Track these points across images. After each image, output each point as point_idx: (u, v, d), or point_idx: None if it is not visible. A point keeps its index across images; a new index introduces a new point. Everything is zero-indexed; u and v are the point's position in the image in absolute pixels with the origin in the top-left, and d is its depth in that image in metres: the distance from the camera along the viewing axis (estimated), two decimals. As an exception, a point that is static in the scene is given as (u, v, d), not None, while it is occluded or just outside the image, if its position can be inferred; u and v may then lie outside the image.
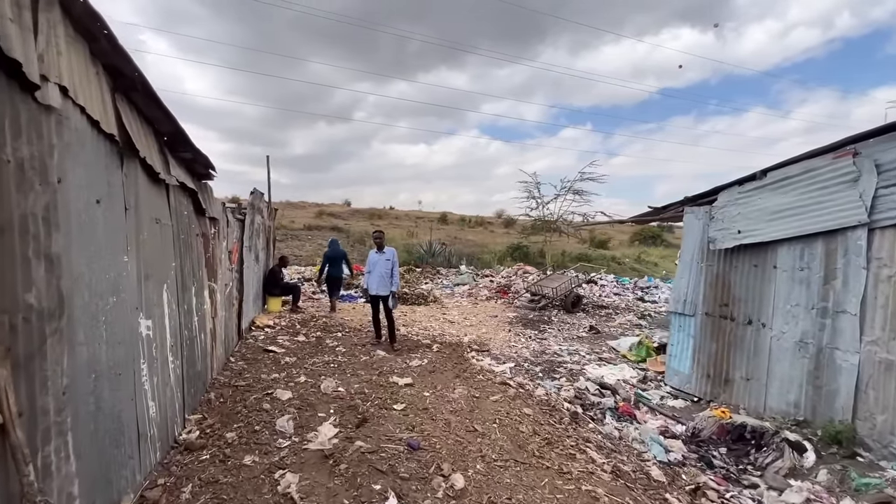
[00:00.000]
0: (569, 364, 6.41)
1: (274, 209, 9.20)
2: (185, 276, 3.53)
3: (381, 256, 6.17)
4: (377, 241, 6.28)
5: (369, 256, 6.31)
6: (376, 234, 6.39)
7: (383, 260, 6.15)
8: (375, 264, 6.16)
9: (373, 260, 6.21)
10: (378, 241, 6.28)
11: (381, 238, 6.31)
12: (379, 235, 6.35)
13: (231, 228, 5.31)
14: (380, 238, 6.31)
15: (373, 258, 6.23)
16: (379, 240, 6.29)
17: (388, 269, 6.13)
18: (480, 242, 33.10)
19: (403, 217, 43.99)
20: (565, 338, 8.14)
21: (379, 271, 6.12)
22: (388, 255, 6.18)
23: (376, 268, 6.15)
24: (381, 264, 6.14)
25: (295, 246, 22.83)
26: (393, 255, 6.22)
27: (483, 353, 6.51)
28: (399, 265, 6.61)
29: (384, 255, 6.17)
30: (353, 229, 30.47)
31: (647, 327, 9.47)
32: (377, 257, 6.19)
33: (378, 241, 6.28)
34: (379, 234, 6.37)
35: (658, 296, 12.52)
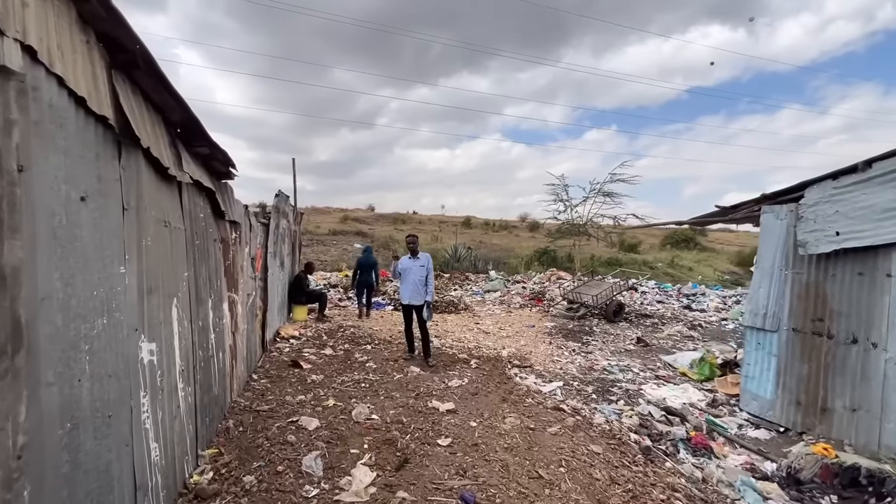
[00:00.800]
0: (623, 383, 5.72)
1: (300, 213, 8.86)
2: (201, 288, 3.09)
3: (414, 262, 5.67)
4: (411, 246, 5.78)
5: (401, 262, 5.82)
6: (410, 239, 5.88)
7: (417, 266, 5.64)
8: (408, 271, 5.66)
9: (405, 266, 5.71)
10: (412, 246, 5.77)
11: (415, 243, 5.81)
12: (413, 240, 5.84)
13: (254, 233, 4.90)
14: (414, 243, 5.80)
15: (405, 264, 5.73)
16: (413, 244, 5.78)
17: (423, 276, 5.62)
18: (506, 247, 32.45)
19: (427, 221, 43.75)
20: (612, 351, 7.42)
21: (412, 279, 5.61)
22: (423, 261, 5.67)
23: (409, 275, 5.64)
24: (414, 271, 5.62)
25: (320, 251, 22.74)
26: (427, 260, 5.70)
27: (526, 370, 5.90)
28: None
29: (418, 261, 5.66)
30: (378, 234, 30.32)
31: (700, 339, 8.63)
32: (410, 263, 5.68)
33: (412, 245, 5.78)
34: (413, 239, 5.86)
35: (706, 304, 11.57)
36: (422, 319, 5.66)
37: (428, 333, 5.75)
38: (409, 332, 5.88)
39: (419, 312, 5.65)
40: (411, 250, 5.75)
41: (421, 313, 5.63)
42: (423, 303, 5.62)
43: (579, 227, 33.01)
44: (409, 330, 5.87)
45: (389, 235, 29.99)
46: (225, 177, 3.86)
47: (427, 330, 5.73)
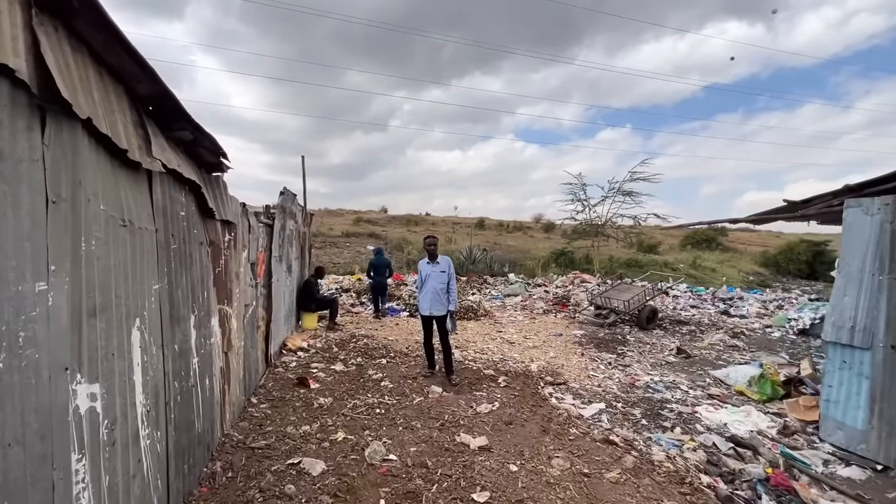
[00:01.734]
0: (673, 404, 5.00)
1: (310, 214, 8.32)
2: (179, 303, 2.50)
3: (434, 267, 5.05)
4: (430, 249, 5.15)
5: (419, 267, 5.21)
6: (429, 241, 5.24)
7: (437, 272, 5.01)
8: (427, 277, 5.04)
9: (424, 272, 5.10)
10: (431, 249, 5.15)
11: (434, 245, 5.18)
12: (432, 242, 5.21)
13: (254, 235, 4.33)
14: (433, 245, 5.18)
15: (424, 269, 5.12)
16: (432, 247, 5.16)
17: (444, 282, 5.00)
18: (521, 248, 31.77)
19: (440, 223, 43.30)
20: (652, 364, 6.68)
21: (432, 286, 4.99)
22: (443, 266, 5.04)
23: (429, 281, 5.02)
24: (434, 277, 5.01)
25: (333, 253, 22.34)
26: (448, 265, 5.08)
27: (560, 387, 5.23)
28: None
29: (438, 266, 5.04)
30: (391, 236, 29.90)
31: (746, 349, 7.83)
32: (429, 268, 5.07)
33: (431, 248, 5.16)
34: (432, 241, 5.22)
35: (746, 309, 10.70)
36: (443, 331, 5.03)
37: (450, 347, 5.12)
38: (430, 346, 5.25)
39: (440, 324, 5.02)
40: (430, 253, 5.14)
41: (443, 324, 5.01)
42: (446, 313, 5.00)
43: (598, 228, 32.09)
44: (429, 343, 5.24)
45: (402, 237, 29.58)
46: (215, 169, 3.29)
47: (449, 343, 5.10)
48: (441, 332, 5.04)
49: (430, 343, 5.22)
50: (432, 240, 5.22)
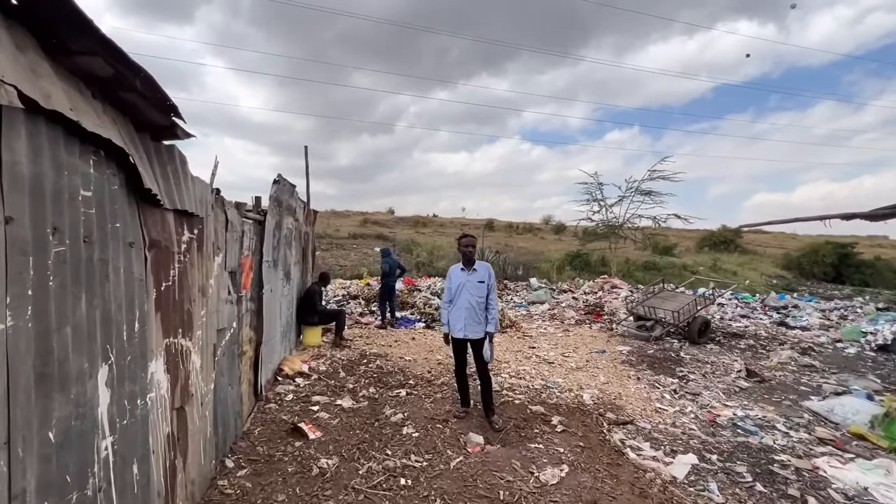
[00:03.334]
0: (779, 453, 3.84)
1: (313, 211, 7.25)
2: (66, 351, 1.40)
3: (470, 276, 3.92)
4: (466, 252, 3.97)
5: (450, 275, 4.08)
6: (466, 242, 4.00)
7: (474, 282, 3.88)
8: (462, 288, 3.91)
9: (457, 280, 3.96)
10: (468, 252, 3.97)
11: (472, 247, 4.00)
12: (470, 243, 4.00)
13: (234, 233, 3.24)
14: (471, 247, 3.99)
15: (457, 278, 3.98)
16: (469, 249, 3.97)
17: (482, 295, 3.87)
18: (534, 250, 30.68)
19: (448, 224, 42.39)
20: (723, 391, 5.51)
21: (467, 300, 3.86)
22: (482, 275, 3.91)
23: (463, 293, 3.89)
24: (470, 288, 3.87)
25: (340, 255, 21.35)
26: (489, 274, 3.96)
27: (627, 428, 4.09)
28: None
29: (475, 275, 3.91)
30: (399, 237, 28.94)
31: (825, 370, 6.62)
32: (464, 277, 3.93)
33: (468, 251, 3.97)
34: (470, 242, 4.00)
35: (805, 320, 9.45)
36: (480, 359, 3.91)
37: (490, 380, 3.99)
38: (463, 379, 4.12)
39: (477, 349, 3.90)
40: (466, 258, 3.97)
41: (480, 350, 3.89)
42: (484, 335, 3.88)
43: (615, 229, 30.81)
44: (462, 374, 4.11)
45: (411, 238, 28.63)
46: (166, 134, 2.19)
47: (489, 375, 3.97)
48: (478, 360, 3.92)
49: (463, 374, 4.10)
50: (469, 240, 4.03)
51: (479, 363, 3.91)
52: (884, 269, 27.29)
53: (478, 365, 3.93)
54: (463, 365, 4.05)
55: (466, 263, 3.97)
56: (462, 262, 4.01)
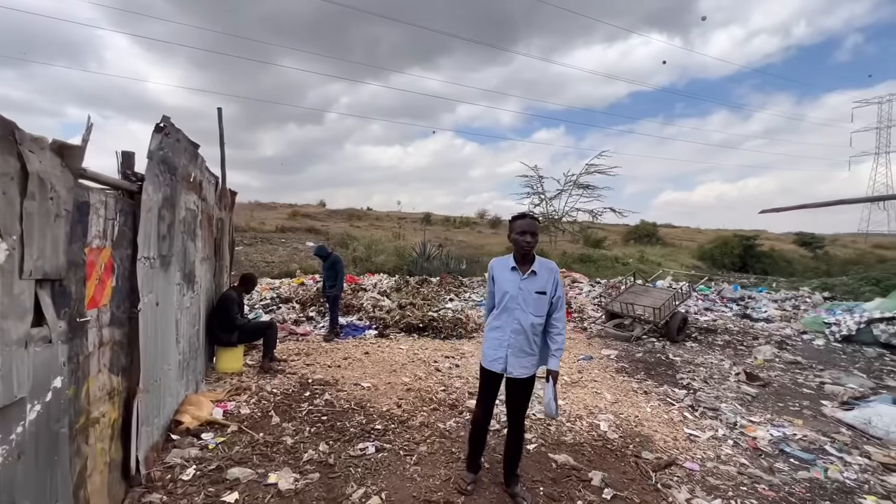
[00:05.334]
0: (859, 493, 3.04)
1: (230, 192, 5.51)
2: None
3: (526, 282, 2.49)
4: (523, 243, 2.47)
5: (495, 274, 2.62)
6: (524, 226, 2.48)
7: (531, 292, 2.47)
8: (510, 299, 2.50)
9: (506, 285, 2.53)
10: (525, 243, 2.47)
11: (533, 236, 2.50)
12: (530, 227, 2.49)
13: (48, 203, 1.64)
14: (531, 235, 2.48)
15: (505, 280, 2.55)
16: (528, 238, 2.47)
17: (542, 314, 2.50)
18: (474, 244, 30.12)
19: (384, 218, 40.70)
20: (737, 401, 4.79)
21: (517, 319, 2.48)
22: (544, 281, 2.49)
23: (509, 306, 2.50)
24: (524, 301, 2.48)
25: (266, 251, 18.92)
26: (554, 280, 2.53)
27: (670, 471, 3.08)
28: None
29: (534, 281, 2.49)
30: (333, 231, 26.79)
31: (811, 366, 6.26)
32: (515, 282, 2.51)
33: (525, 242, 2.47)
34: (530, 227, 2.49)
35: (766, 311, 9.38)
36: (518, 406, 2.60)
37: (523, 438, 2.72)
38: (482, 434, 2.73)
39: (521, 392, 2.57)
40: (521, 250, 2.49)
41: (525, 394, 2.58)
42: (534, 374, 2.57)
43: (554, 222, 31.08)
44: (483, 428, 2.71)
45: (346, 232, 26.65)
46: None
47: (523, 430, 2.69)
48: (514, 406, 2.61)
49: (484, 427, 2.72)
50: (529, 224, 2.49)
51: (514, 411, 2.61)
52: (779, 259, 30.34)
53: (511, 413, 2.62)
54: (489, 413, 2.68)
55: (522, 261, 2.53)
56: (514, 258, 2.55)
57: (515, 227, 2.52)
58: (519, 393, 2.56)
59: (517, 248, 2.51)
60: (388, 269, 17.40)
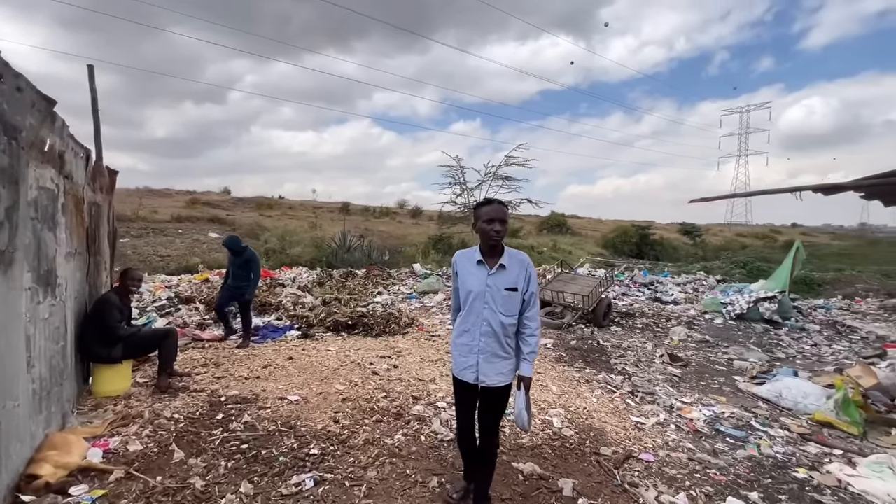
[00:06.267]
0: (792, 466, 3.22)
1: (109, 170, 4.42)
2: None
3: (496, 276, 2.16)
4: (491, 232, 2.13)
5: (458, 269, 2.30)
6: (492, 212, 2.15)
7: (499, 289, 2.15)
8: (476, 297, 2.18)
9: (470, 281, 2.21)
10: (493, 232, 2.12)
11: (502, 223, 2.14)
12: (499, 214, 2.15)
13: None
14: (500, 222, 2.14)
15: (469, 275, 2.22)
16: (497, 226, 2.13)
17: (513, 313, 2.19)
18: (396, 234, 29.65)
19: (298, 207, 38.32)
20: (668, 383, 5.00)
21: (486, 319, 2.17)
22: (514, 275, 2.17)
23: (476, 306, 2.18)
24: (491, 300, 2.16)
25: (159, 243, 16.58)
26: (526, 274, 2.20)
27: (630, 465, 3.00)
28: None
29: (504, 275, 2.16)
30: (241, 221, 24.51)
31: (718, 343, 6.87)
32: (481, 277, 2.18)
33: (493, 231, 2.12)
34: (499, 213, 2.15)
35: (672, 294, 10.23)
36: (491, 419, 2.26)
37: (496, 455, 2.34)
38: (471, 443, 2.37)
39: (495, 402, 2.24)
40: (488, 240, 2.17)
41: (499, 403, 2.25)
42: (510, 381, 2.24)
43: (476, 212, 31.46)
44: (468, 437, 2.36)
45: (255, 222, 24.56)
46: None
47: (495, 447, 2.32)
48: (486, 420, 2.26)
49: (470, 436, 2.35)
50: (497, 209, 2.16)
51: (486, 425, 2.26)
52: (667, 247, 34.27)
53: (482, 427, 2.28)
54: (470, 423, 2.33)
55: (490, 253, 2.19)
56: (480, 250, 2.21)
57: (481, 214, 2.18)
58: (493, 404, 2.23)
59: (485, 238, 2.16)
60: (306, 261, 16.27)
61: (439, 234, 25.20)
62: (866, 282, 15.51)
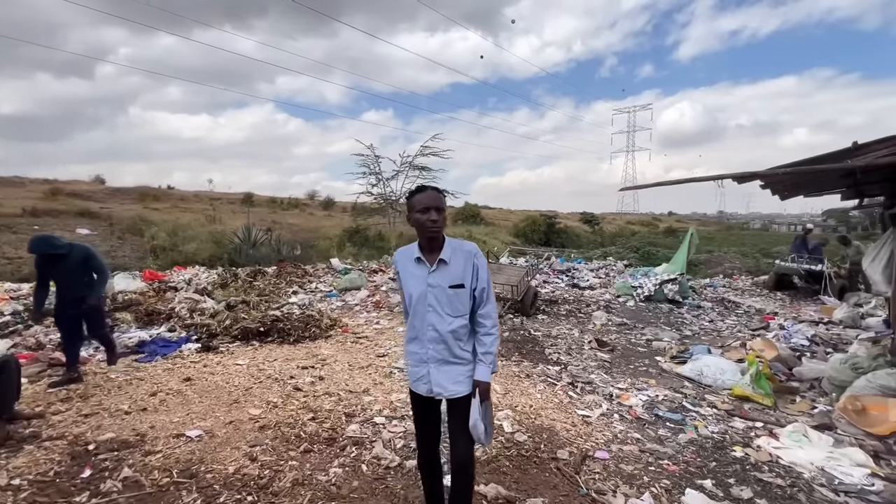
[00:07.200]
0: (729, 446, 3.33)
1: None
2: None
3: (435, 274, 1.83)
4: (427, 224, 1.80)
5: (399, 268, 1.95)
6: (424, 200, 1.82)
7: (443, 287, 1.82)
8: (419, 300, 1.84)
9: (411, 282, 1.88)
10: (429, 224, 1.79)
11: (438, 211, 1.81)
12: (433, 202, 1.81)
13: None
14: (435, 211, 1.80)
15: (410, 276, 1.89)
16: (432, 216, 1.79)
17: (462, 313, 1.86)
18: (307, 227, 27.94)
19: (192, 199, 34.27)
20: (601, 370, 5.08)
21: (431, 324, 1.83)
22: (458, 271, 1.83)
23: (420, 309, 1.85)
24: (435, 301, 1.83)
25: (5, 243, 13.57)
26: (472, 267, 1.86)
27: (587, 467, 2.85)
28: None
29: (446, 272, 1.83)
30: (120, 214, 21.21)
31: (634, 325, 7.27)
32: (422, 277, 1.85)
33: (428, 223, 1.79)
34: (433, 201, 1.82)
35: (588, 280, 10.75)
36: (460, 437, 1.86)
37: (472, 478, 1.94)
38: (435, 466, 2.02)
39: (458, 413, 1.85)
40: (425, 233, 1.83)
41: (463, 415, 1.84)
42: (471, 389, 1.86)
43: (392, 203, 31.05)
44: (432, 464, 2.01)
45: (139, 215, 21.44)
46: None
47: (471, 468, 1.91)
48: (456, 439, 1.87)
49: (433, 462, 2.01)
50: (431, 197, 1.83)
51: (455, 443, 1.88)
52: (571, 235, 36.99)
53: (454, 447, 1.88)
54: (432, 444, 1.98)
55: (428, 248, 1.86)
56: (419, 245, 1.89)
57: (415, 203, 1.85)
58: (455, 414, 1.87)
59: (421, 230, 1.84)
60: (204, 259, 14.47)
61: (355, 226, 24.28)
62: (730, 261, 18.02)
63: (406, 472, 2.64)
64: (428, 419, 1.94)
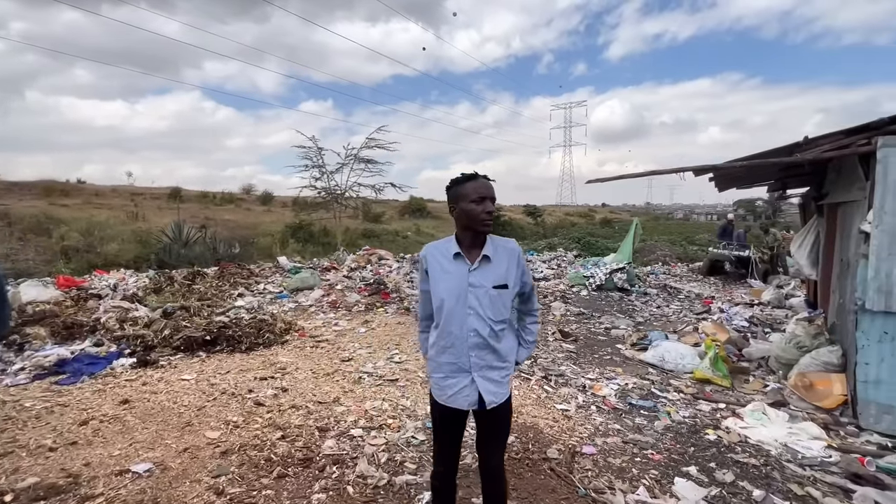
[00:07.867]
0: (701, 430, 3.46)
1: None
2: None
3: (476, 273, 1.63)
4: (480, 216, 1.60)
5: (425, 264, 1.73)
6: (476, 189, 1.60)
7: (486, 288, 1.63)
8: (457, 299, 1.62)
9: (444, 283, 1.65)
10: (483, 216, 1.59)
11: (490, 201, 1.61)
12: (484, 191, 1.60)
13: None
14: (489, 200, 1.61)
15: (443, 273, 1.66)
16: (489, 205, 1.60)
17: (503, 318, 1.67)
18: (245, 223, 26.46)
19: (109, 194, 31.16)
20: (569, 361, 5.13)
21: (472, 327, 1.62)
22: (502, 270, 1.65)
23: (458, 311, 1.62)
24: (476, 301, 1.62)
25: None
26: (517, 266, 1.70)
27: (577, 463, 2.82)
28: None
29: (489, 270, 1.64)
30: (19, 212, 18.82)
31: (592, 315, 7.49)
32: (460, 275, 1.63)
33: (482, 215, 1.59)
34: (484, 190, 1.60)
35: (542, 271, 10.96)
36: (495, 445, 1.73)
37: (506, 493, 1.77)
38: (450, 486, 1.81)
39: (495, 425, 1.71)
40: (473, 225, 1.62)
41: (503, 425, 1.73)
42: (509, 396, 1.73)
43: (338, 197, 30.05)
44: (448, 484, 1.80)
45: (44, 213, 19.19)
46: None
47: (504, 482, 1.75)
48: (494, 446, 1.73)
49: (454, 478, 1.81)
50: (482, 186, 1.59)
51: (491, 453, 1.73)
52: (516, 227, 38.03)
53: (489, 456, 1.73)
54: (455, 463, 1.79)
55: (471, 242, 1.66)
56: (456, 240, 1.68)
57: (467, 192, 1.60)
58: (498, 425, 1.72)
59: (474, 223, 1.61)
60: (127, 261, 13.12)
61: (298, 221, 23.21)
62: (661, 249, 19.33)
63: (397, 490, 2.43)
64: (455, 436, 1.76)
